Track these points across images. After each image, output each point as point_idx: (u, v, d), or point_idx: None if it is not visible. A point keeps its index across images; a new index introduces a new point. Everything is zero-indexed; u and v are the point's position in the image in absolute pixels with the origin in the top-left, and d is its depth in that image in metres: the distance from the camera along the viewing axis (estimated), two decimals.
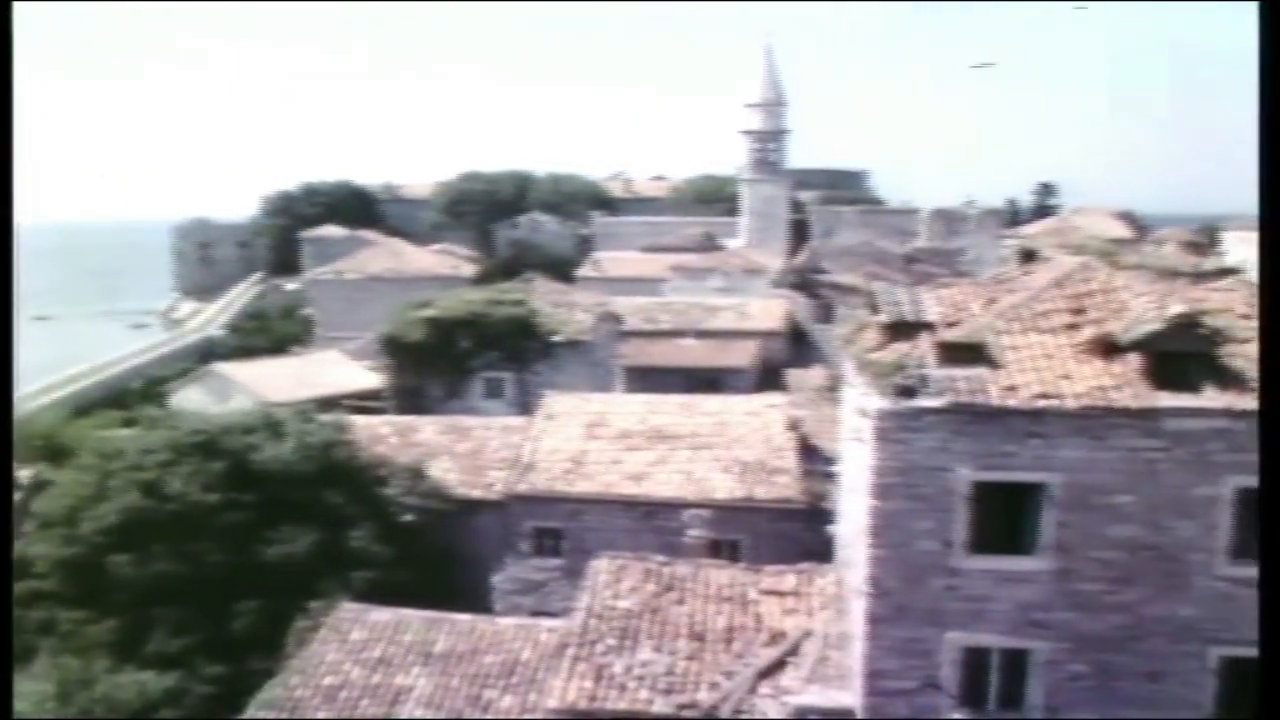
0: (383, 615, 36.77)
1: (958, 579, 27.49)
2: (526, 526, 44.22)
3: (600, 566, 35.36)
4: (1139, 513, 26.98)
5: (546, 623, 37.03)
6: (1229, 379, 27.17)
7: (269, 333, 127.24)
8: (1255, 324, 29.47)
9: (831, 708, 28.95)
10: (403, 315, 67.53)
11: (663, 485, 43.96)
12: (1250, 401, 26.53)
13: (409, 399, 64.13)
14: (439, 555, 43.28)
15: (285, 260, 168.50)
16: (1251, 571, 26.92)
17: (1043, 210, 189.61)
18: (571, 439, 46.92)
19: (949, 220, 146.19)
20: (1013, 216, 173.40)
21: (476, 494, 45.37)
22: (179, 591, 39.61)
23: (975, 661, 27.92)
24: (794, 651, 31.34)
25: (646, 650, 31.69)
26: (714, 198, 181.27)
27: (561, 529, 43.94)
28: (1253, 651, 27.04)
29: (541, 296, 71.30)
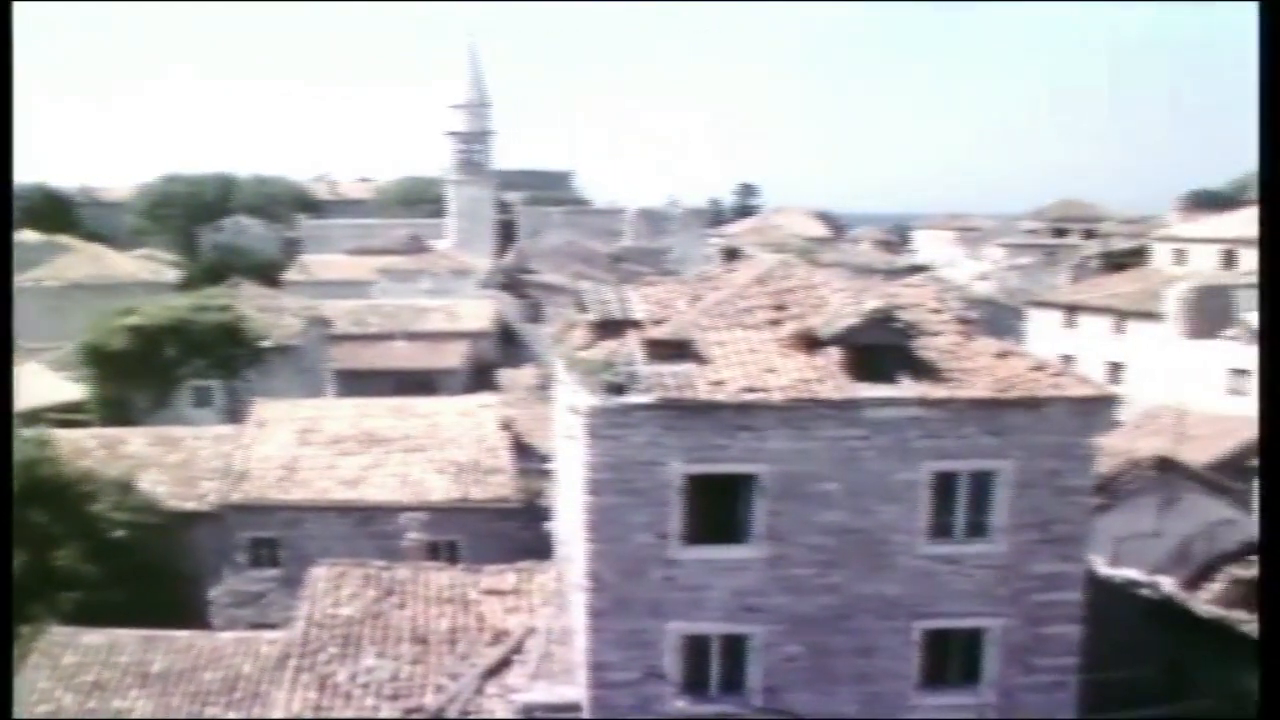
0: (95, 637, 35.65)
1: (675, 570, 28.19)
2: (242, 537, 43.48)
3: (319, 574, 35.00)
4: (845, 499, 28.19)
5: (267, 635, 36.50)
6: (922, 370, 28.63)
7: None
8: (945, 318, 31.18)
9: (558, 703, 29.35)
10: (104, 323, 65.41)
11: (378, 489, 43.85)
12: (942, 391, 28.08)
13: (114, 410, 62.22)
14: (152, 571, 42.19)
15: None
16: (948, 549, 28.57)
17: (744, 210, 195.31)
18: (284, 446, 46.36)
19: (654, 220, 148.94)
20: (716, 216, 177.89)
21: (189, 506, 44.38)
22: None
23: (696, 649, 28.67)
24: (518, 649, 31.63)
25: (370, 657, 31.56)
26: (420, 199, 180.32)
27: (278, 538, 43.34)
28: (953, 623, 28.82)
29: (248, 301, 70.22)
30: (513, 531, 41.80)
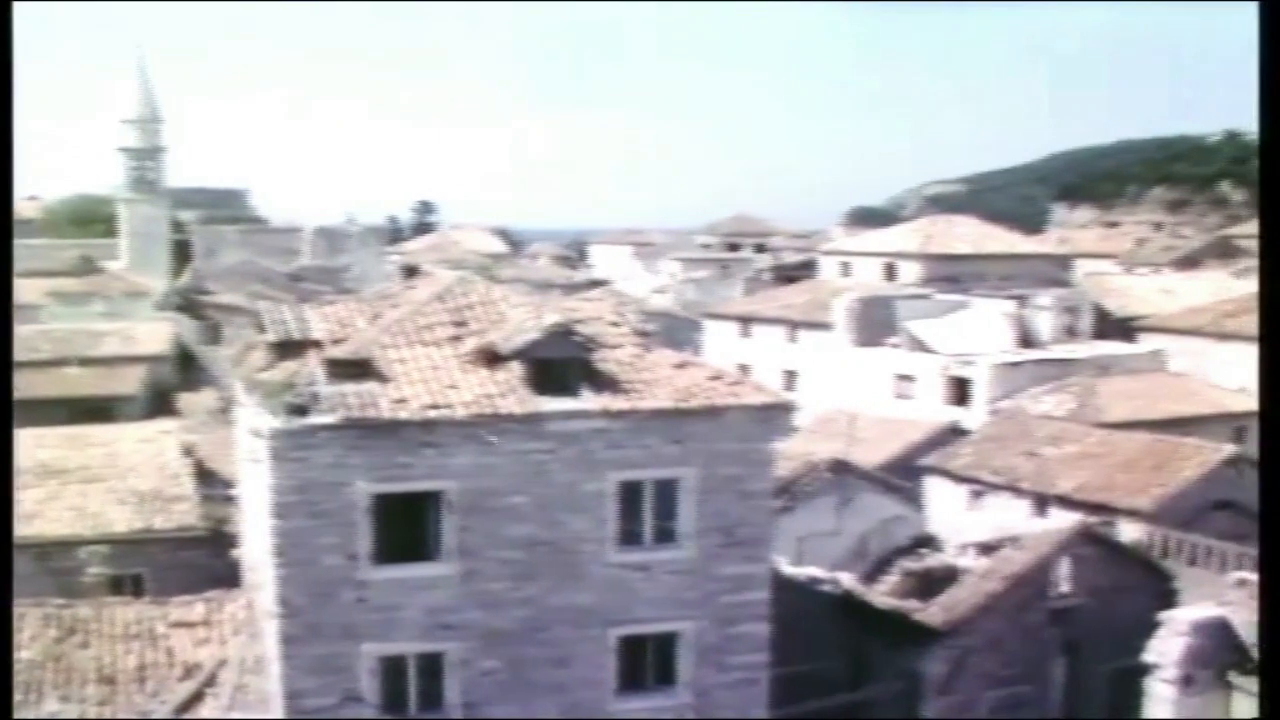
0: None
1: (367, 591, 28.15)
2: None
3: None
4: (534, 511, 28.65)
5: None
6: (603, 382, 29.31)
7: None
8: (624, 330, 31.92)
9: None
10: None
11: (55, 523, 42.10)
12: (623, 402, 28.79)
13: None
14: None
15: None
16: (638, 556, 29.31)
17: (423, 227, 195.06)
18: None
19: (332, 238, 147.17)
20: (394, 234, 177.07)
21: None
22: None
23: (392, 669, 28.67)
24: (211, 682, 30.91)
25: (53, 702, 30.36)
26: (91, 218, 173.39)
27: None
28: (647, 628, 29.58)
29: None
30: (199, 560, 40.72)
